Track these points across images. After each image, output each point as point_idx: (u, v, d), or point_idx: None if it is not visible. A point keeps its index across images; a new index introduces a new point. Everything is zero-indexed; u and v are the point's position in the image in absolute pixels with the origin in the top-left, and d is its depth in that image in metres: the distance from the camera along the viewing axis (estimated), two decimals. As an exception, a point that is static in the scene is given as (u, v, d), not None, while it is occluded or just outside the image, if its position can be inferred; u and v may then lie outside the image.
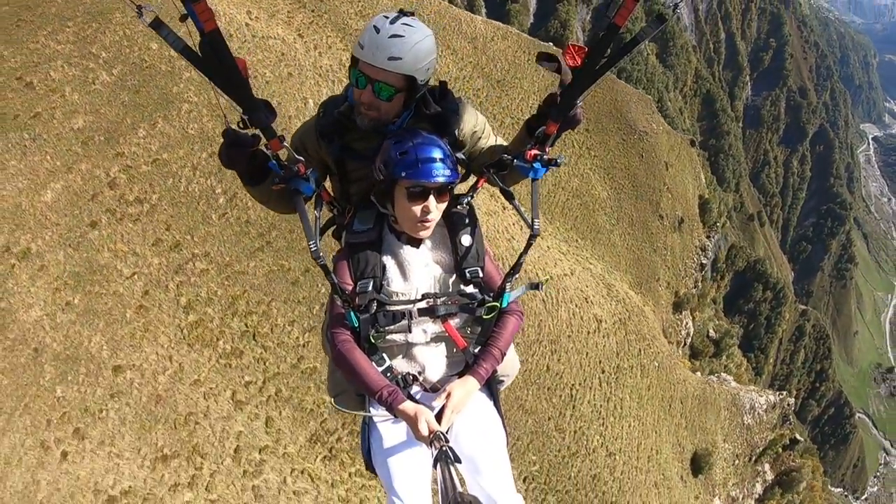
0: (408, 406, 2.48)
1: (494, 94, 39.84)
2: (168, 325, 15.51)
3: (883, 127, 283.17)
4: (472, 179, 3.17)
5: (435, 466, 2.28)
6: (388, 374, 2.66)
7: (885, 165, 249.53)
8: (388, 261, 2.75)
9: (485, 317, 2.79)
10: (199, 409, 15.08)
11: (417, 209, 2.60)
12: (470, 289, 2.80)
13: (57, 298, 14.32)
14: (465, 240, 2.81)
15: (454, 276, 2.81)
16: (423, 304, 2.74)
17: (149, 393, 14.62)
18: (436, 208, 2.63)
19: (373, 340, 2.69)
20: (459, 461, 2.28)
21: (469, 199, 2.97)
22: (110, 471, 13.78)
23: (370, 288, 2.68)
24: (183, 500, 14.04)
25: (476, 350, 2.76)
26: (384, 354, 2.73)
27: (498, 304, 2.78)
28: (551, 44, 46.91)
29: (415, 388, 2.76)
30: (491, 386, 2.99)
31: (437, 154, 2.55)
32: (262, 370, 16.99)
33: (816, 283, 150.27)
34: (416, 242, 2.79)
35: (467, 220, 2.87)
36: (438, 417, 2.51)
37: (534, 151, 2.75)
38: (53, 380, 13.96)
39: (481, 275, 2.82)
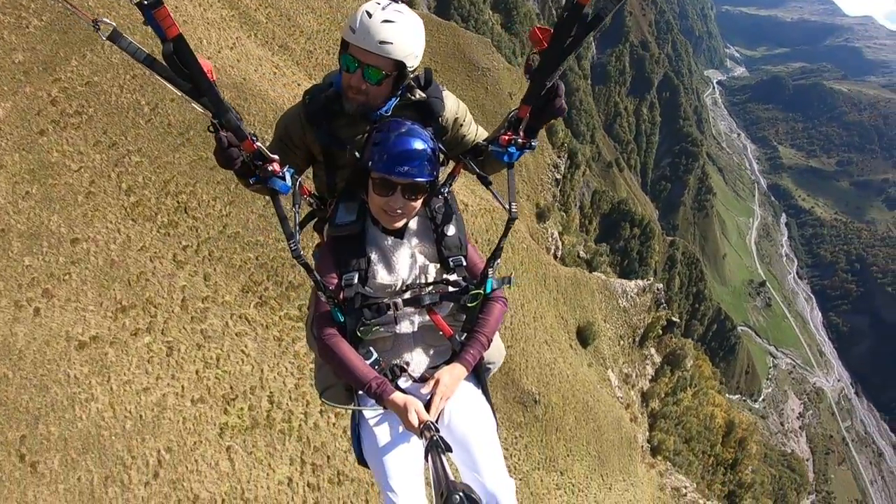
0: (397, 397, 2.54)
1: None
2: (114, 206, 19.25)
3: (725, 71, 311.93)
4: (450, 166, 3.23)
5: (426, 456, 2.35)
6: (377, 367, 2.71)
7: (731, 105, 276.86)
8: (372, 253, 2.79)
9: (469, 304, 2.85)
10: (147, 270, 18.94)
11: (382, 201, 2.65)
12: (454, 277, 2.84)
13: (17, 189, 17.62)
14: (448, 229, 2.86)
15: (438, 266, 2.86)
16: (408, 295, 2.79)
17: (104, 259, 18.25)
18: (402, 204, 2.65)
19: (359, 334, 2.73)
20: (450, 450, 2.36)
21: (448, 187, 3.01)
22: (78, 322, 16.77)
23: (356, 281, 2.71)
24: (144, 343, 17.75)
25: (462, 337, 2.86)
26: (371, 347, 2.77)
27: (482, 292, 2.84)
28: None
29: (403, 380, 2.79)
30: (478, 373, 3.07)
31: (415, 150, 2.56)
32: (196, 236, 20.80)
33: (680, 216, 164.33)
34: (400, 233, 2.83)
35: (448, 210, 2.91)
36: (428, 407, 2.60)
37: (507, 136, 2.82)
38: (21, 252, 16.82)
39: (465, 263, 2.86)
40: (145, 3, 1.96)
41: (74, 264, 17.60)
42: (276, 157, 2.58)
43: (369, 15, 2.53)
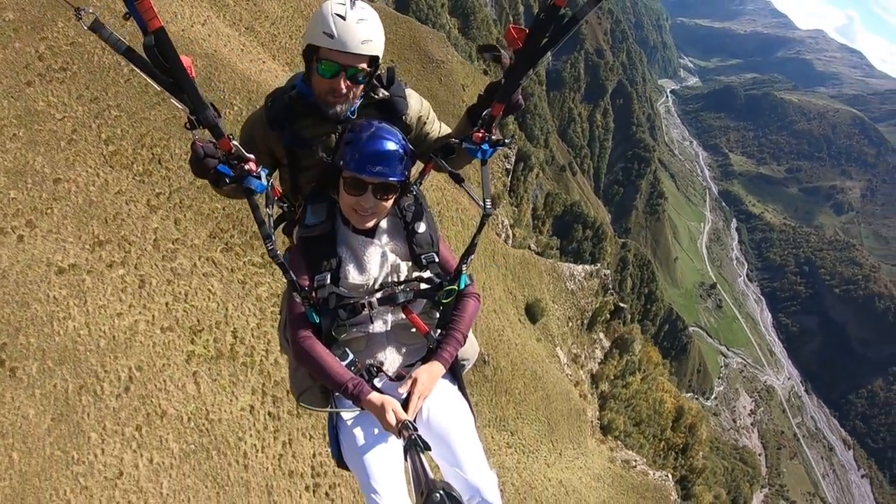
0: (374, 397, 2.58)
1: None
2: (94, 153, 21.06)
3: (679, 81, 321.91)
4: (419, 165, 3.20)
5: (405, 455, 2.43)
6: (352, 367, 2.74)
7: (684, 113, 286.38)
8: (343, 253, 2.81)
9: (444, 301, 2.90)
10: (123, 211, 20.79)
11: (353, 200, 2.69)
12: (427, 274, 2.89)
13: (4, 132, 19.48)
14: (419, 227, 2.90)
15: (410, 264, 2.91)
16: (381, 294, 2.82)
17: (83, 198, 20.05)
18: (373, 203, 2.68)
19: (334, 334, 2.75)
20: (429, 448, 2.41)
21: (418, 186, 3.05)
22: (58, 251, 18.53)
23: (328, 281, 2.74)
24: (118, 274, 19.75)
25: (438, 334, 2.90)
26: (346, 348, 2.80)
27: (456, 287, 2.90)
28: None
29: (378, 379, 2.83)
30: (454, 370, 3.11)
31: (387, 150, 2.60)
32: (168, 185, 22.60)
33: (633, 220, 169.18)
34: (370, 232, 2.85)
35: (418, 208, 2.94)
36: (405, 406, 2.64)
37: (481, 133, 2.85)
38: (7, 186, 18.63)
39: (437, 260, 2.92)
40: None
41: (56, 201, 19.55)
42: (251, 156, 2.58)
43: (342, 17, 2.56)
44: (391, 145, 2.60)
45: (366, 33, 2.59)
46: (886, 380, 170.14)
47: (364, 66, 2.69)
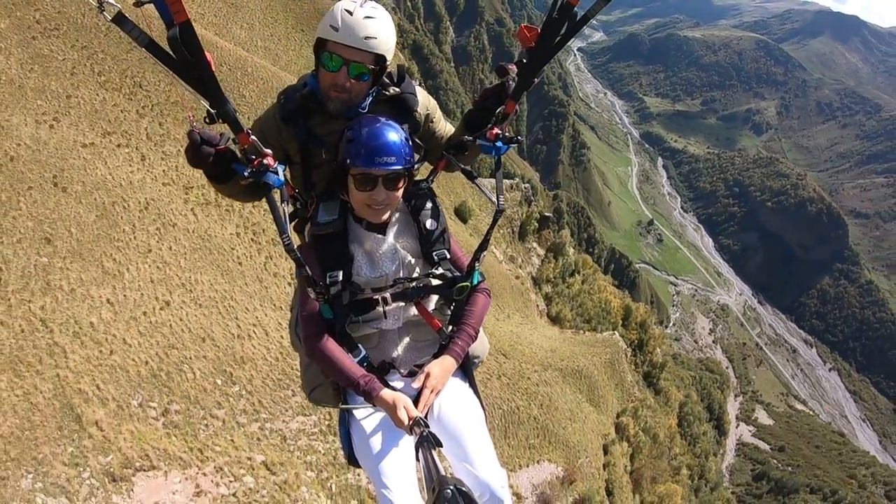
0: (386, 394, 2.62)
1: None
2: (91, 81, 26.80)
3: (584, 38, 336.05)
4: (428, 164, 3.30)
5: (417, 452, 2.43)
6: (364, 364, 2.80)
7: (594, 68, 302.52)
8: (355, 250, 2.87)
9: (456, 297, 2.96)
10: (120, 116, 26.32)
11: (365, 196, 2.71)
12: (439, 271, 2.92)
13: (24, 66, 24.54)
14: (430, 223, 2.94)
15: (422, 260, 2.95)
16: (394, 290, 2.85)
17: (90, 107, 25.43)
18: (385, 195, 2.72)
19: (347, 331, 2.83)
20: (440, 445, 2.43)
21: (429, 183, 3.11)
22: (79, 135, 23.79)
23: (340, 278, 2.78)
24: (125, 152, 24.82)
25: (450, 330, 2.95)
26: (359, 344, 2.85)
27: (469, 284, 2.94)
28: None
29: (391, 376, 2.93)
30: (465, 367, 3.14)
31: (390, 140, 2.65)
32: (149, 101, 28.57)
33: (560, 174, 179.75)
34: (382, 229, 2.90)
35: (429, 204, 2.98)
36: (417, 402, 2.69)
37: (496, 130, 2.93)
38: (34, 97, 23.33)
39: (448, 256, 2.95)
40: None
41: (70, 108, 25.06)
42: (269, 150, 2.62)
43: (350, 13, 2.64)
44: (393, 135, 2.67)
45: (371, 30, 2.65)
46: (833, 276, 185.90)
47: (367, 63, 2.73)
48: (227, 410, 15.87)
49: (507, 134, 2.95)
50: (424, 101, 3.11)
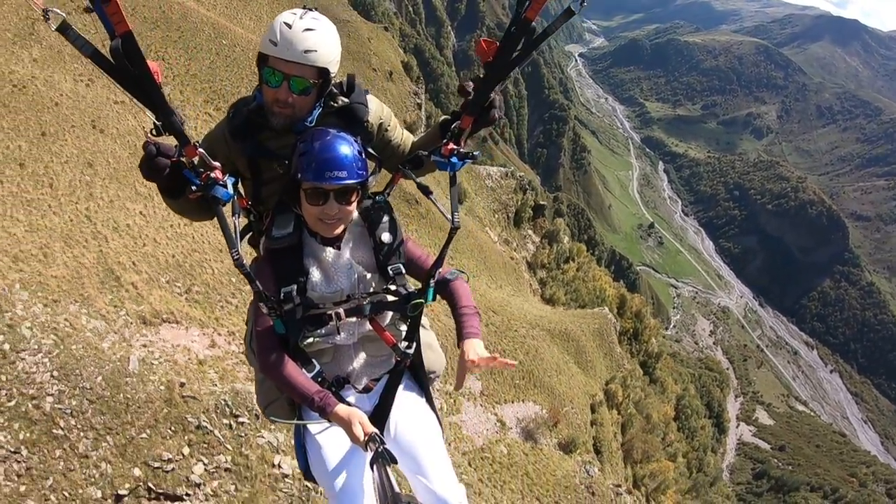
0: (341, 410, 2.61)
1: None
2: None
3: (585, 44, 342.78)
4: (385, 174, 3.27)
5: (372, 468, 2.45)
6: (319, 379, 2.81)
7: (595, 73, 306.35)
8: (309, 264, 2.86)
9: (410, 314, 2.98)
10: None
11: (317, 210, 2.71)
12: (394, 287, 2.94)
13: (34, 15, 24.98)
14: (385, 237, 2.94)
15: (377, 275, 2.95)
16: (348, 305, 2.84)
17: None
18: (338, 209, 2.71)
19: (301, 346, 2.83)
20: (395, 461, 2.45)
21: (385, 196, 3.12)
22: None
23: (294, 293, 2.77)
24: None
25: (460, 314, 2.95)
26: (313, 359, 2.85)
27: (423, 301, 2.95)
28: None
29: (346, 391, 2.95)
30: (421, 382, 3.22)
31: (341, 154, 2.64)
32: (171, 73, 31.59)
33: (561, 177, 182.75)
34: (336, 243, 2.90)
35: (385, 217, 2.99)
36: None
37: (451, 146, 2.90)
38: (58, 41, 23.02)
39: (403, 271, 2.96)
40: None
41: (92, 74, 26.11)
42: (217, 164, 2.64)
43: (289, 26, 2.62)
44: (345, 148, 2.66)
45: (311, 43, 2.63)
46: (833, 279, 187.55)
47: (309, 77, 2.71)
48: (240, 300, 18.33)
49: (462, 150, 2.93)
50: (377, 111, 3.11)
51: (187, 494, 8.62)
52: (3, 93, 20.14)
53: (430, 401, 3.18)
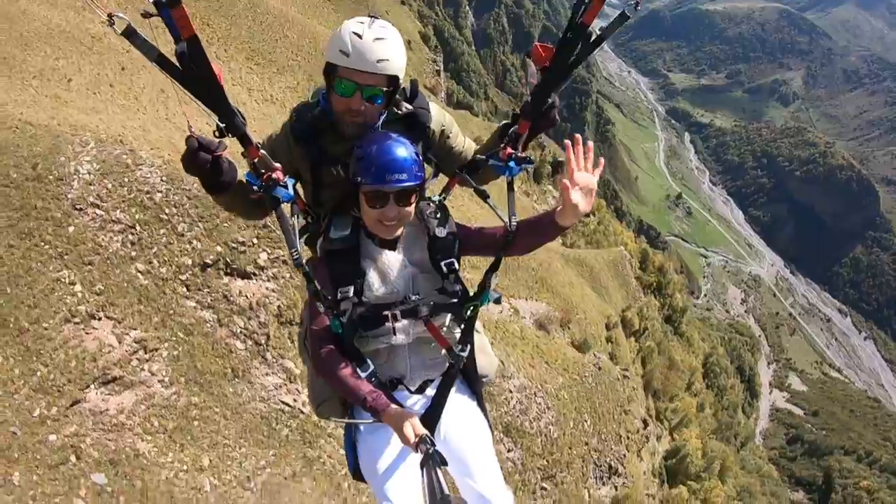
0: (392, 411, 2.64)
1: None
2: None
3: (606, 18, 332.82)
4: (443, 178, 3.33)
5: (422, 470, 2.44)
6: (373, 380, 2.83)
7: (616, 46, 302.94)
8: (367, 265, 2.92)
9: (466, 316, 3.00)
10: None
11: (377, 213, 2.77)
12: (451, 288, 2.96)
13: None
14: (439, 231, 2.97)
15: (432, 275, 2.99)
16: (404, 307, 2.88)
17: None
18: (397, 212, 2.77)
19: (356, 346, 2.86)
20: (445, 464, 2.45)
21: (441, 198, 3.20)
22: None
23: (351, 294, 2.84)
24: None
25: (538, 216, 2.95)
26: (367, 359, 2.87)
27: (479, 303, 2.99)
28: None
29: (400, 392, 2.96)
30: (473, 385, 3.23)
31: (399, 157, 2.69)
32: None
33: None
34: (393, 245, 2.97)
35: (441, 215, 3.04)
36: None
37: (508, 151, 2.95)
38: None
39: (457, 266, 2.97)
40: (163, 1, 2.10)
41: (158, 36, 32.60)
42: (278, 165, 2.67)
43: (359, 35, 2.65)
44: (402, 151, 2.71)
45: (383, 52, 2.68)
46: (865, 245, 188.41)
47: (381, 85, 2.76)
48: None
49: (520, 154, 2.97)
50: (438, 117, 3.16)
51: (254, 273, 13.41)
52: (85, 41, 23.05)
53: (480, 404, 3.22)
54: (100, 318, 11.37)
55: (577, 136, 2.76)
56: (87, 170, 12.47)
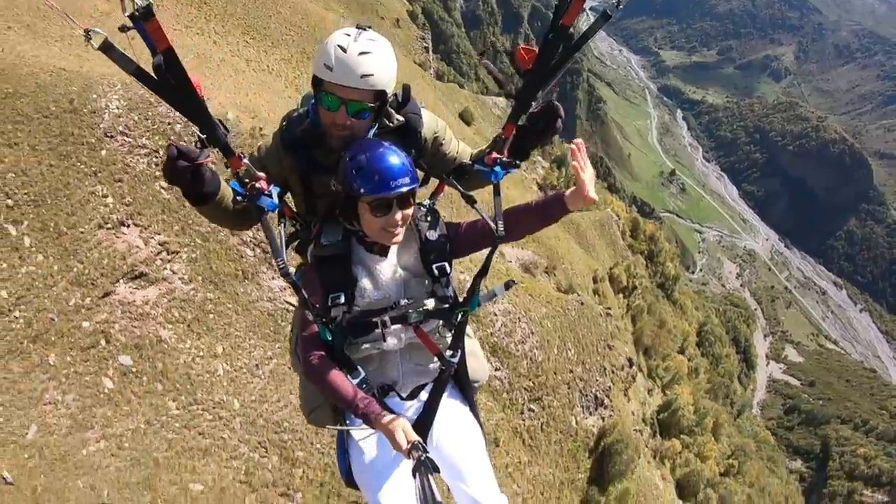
0: (384, 417, 2.62)
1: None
2: None
3: (595, 12, 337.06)
4: (433, 183, 3.34)
5: (414, 476, 2.43)
6: (364, 386, 2.81)
7: (607, 26, 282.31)
8: (358, 272, 2.91)
9: (456, 322, 3.00)
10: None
11: (382, 221, 2.73)
12: (440, 289, 2.97)
13: None
14: (431, 234, 2.98)
15: (423, 279, 2.98)
16: (395, 313, 2.88)
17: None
18: (401, 215, 2.75)
19: (347, 352, 2.86)
20: (437, 470, 2.44)
21: (431, 203, 3.19)
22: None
23: (342, 301, 2.83)
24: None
25: (536, 200, 2.95)
26: (358, 366, 2.87)
27: (468, 309, 2.98)
28: None
29: (391, 399, 2.97)
30: (465, 391, 3.24)
31: (397, 162, 2.66)
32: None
33: (578, 129, 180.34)
34: (385, 250, 2.95)
35: (430, 219, 3.03)
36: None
37: (494, 155, 2.97)
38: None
39: (449, 270, 2.97)
40: (137, 14, 2.08)
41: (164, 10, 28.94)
42: (262, 174, 2.69)
43: (343, 49, 2.60)
44: (395, 156, 2.68)
45: (368, 67, 2.61)
46: (859, 217, 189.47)
47: (367, 100, 2.71)
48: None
49: (505, 159, 2.97)
50: (431, 124, 3.14)
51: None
52: (95, 15, 23.15)
53: (473, 409, 3.22)
54: (128, 225, 13.78)
55: (580, 141, 2.84)
56: (116, 105, 14.93)
